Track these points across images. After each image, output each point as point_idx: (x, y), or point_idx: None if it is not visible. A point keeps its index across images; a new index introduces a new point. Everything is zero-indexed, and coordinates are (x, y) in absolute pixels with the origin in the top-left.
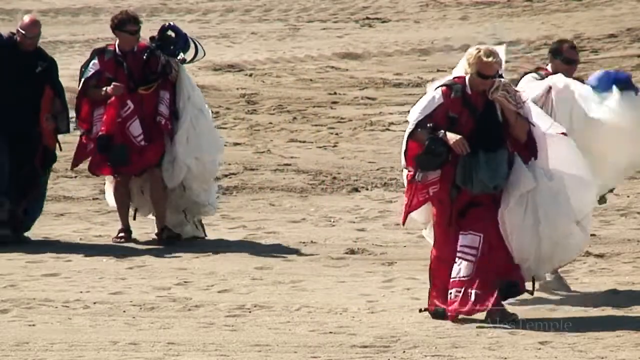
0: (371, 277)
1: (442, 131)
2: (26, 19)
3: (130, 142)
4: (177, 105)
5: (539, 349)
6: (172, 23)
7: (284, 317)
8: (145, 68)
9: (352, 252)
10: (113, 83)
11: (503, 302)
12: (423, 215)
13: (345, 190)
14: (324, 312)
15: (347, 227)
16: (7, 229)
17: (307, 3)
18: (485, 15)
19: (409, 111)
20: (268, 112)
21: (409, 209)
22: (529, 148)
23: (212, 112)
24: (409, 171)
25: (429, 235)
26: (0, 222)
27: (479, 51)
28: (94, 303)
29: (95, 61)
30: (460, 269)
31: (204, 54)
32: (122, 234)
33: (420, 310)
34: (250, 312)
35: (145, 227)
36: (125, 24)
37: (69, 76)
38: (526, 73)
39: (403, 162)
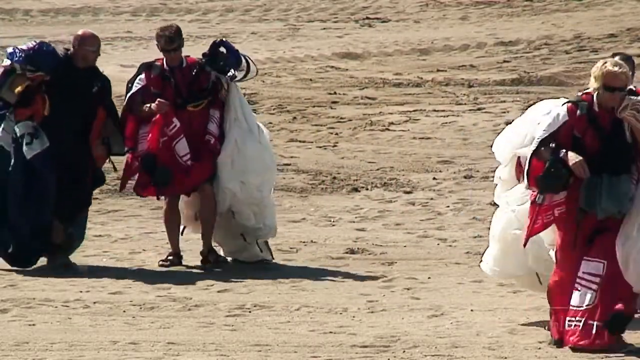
0: (371, 277)
1: (564, 150)
2: (82, 32)
3: (175, 162)
4: (225, 127)
5: (539, 348)
6: (224, 39)
7: (284, 317)
8: (194, 84)
9: (352, 252)
10: (158, 100)
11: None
12: (550, 236)
13: (345, 190)
14: (324, 312)
15: (347, 227)
16: (66, 255)
17: (307, 3)
18: (485, 15)
19: (408, 111)
20: (268, 111)
21: (532, 231)
22: None
23: None
24: (532, 191)
25: (554, 256)
26: (55, 246)
27: (605, 62)
28: (94, 303)
29: (142, 76)
30: (581, 297)
31: (257, 72)
32: (170, 257)
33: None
34: (250, 312)
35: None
36: (159, 41)
37: None
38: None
39: (526, 182)
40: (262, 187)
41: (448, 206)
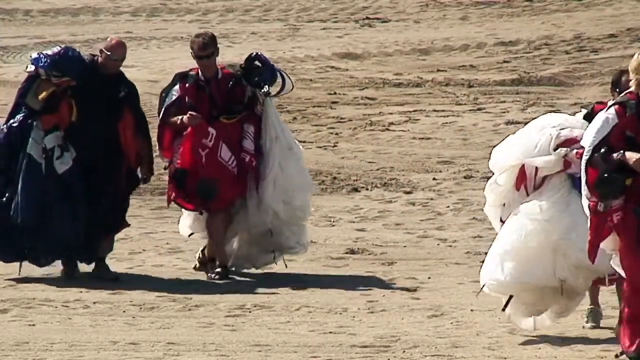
0: (371, 277)
1: (622, 151)
2: (112, 40)
3: (222, 173)
4: (264, 146)
5: (539, 349)
6: (260, 52)
7: (284, 317)
8: (229, 96)
9: (352, 252)
10: (189, 112)
11: None
12: (611, 242)
13: (345, 190)
14: (324, 312)
15: (347, 227)
16: (102, 266)
17: (307, 3)
18: (485, 15)
19: (408, 111)
20: None
21: (597, 241)
22: None
23: None
24: (591, 201)
25: (617, 265)
26: (100, 259)
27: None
28: (94, 303)
29: (177, 87)
30: None
31: (292, 88)
32: (219, 269)
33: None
34: (250, 312)
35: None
36: (193, 47)
37: None
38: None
39: (585, 190)
40: (303, 208)
41: (448, 206)
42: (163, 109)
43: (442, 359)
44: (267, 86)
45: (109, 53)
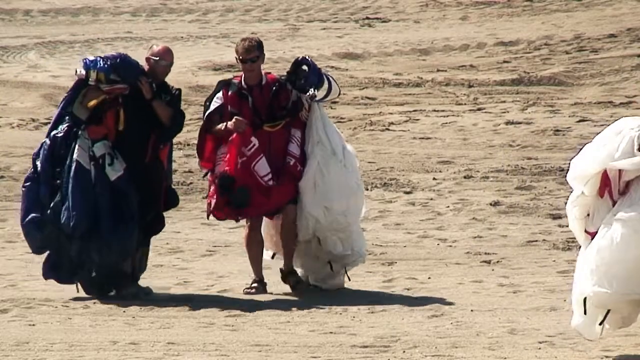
0: (371, 277)
1: None
2: (158, 46)
3: (255, 183)
4: (306, 149)
5: (539, 349)
6: (307, 57)
7: (284, 317)
8: (273, 103)
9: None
10: (235, 118)
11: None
12: None
13: None
14: (324, 312)
15: None
16: (134, 286)
17: (307, 3)
18: (485, 15)
19: (408, 111)
20: None
21: None
22: None
23: None
24: None
25: None
26: (125, 274)
27: None
28: (94, 303)
29: (220, 94)
30: None
31: (339, 93)
32: (255, 285)
33: None
34: (250, 312)
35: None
36: (237, 51)
37: (69, 76)
38: None
39: None
40: (347, 213)
41: (448, 206)
42: (205, 117)
43: (442, 359)
44: (312, 90)
45: (157, 58)
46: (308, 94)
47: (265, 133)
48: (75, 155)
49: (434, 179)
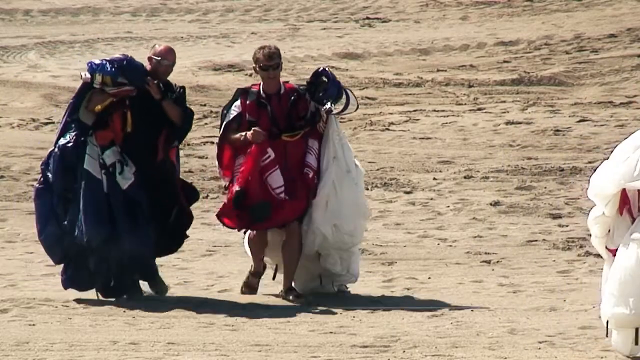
0: (371, 277)
1: None
2: (161, 46)
3: (267, 195)
4: (321, 165)
5: (539, 349)
6: (326, 69)
7: (284, 317)
8: (291, 113)
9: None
10: (253, 128)
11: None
12: None
13: None
14: (324, 312)
15: None
16: (163, 283)
17: (307, 3)
18: (485, 15)
19: (408, 111)
20: None
21: None
22: None
23: (212, 112)
24: None
25: None
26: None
27: None
28: (94, 303)
29: (238, 103)
30: None
31: (357, 108)
32: (251, 277)
33: None
34: (250, 312)
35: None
36: (257, 59)
37: (69, 76)
38: None
39: None
40: (354, 233)
41: (448, 206)
42: (223, 126)
43: (442, 359)
44: (330, 103)
45: (159, 58)
46: (325, 107)
47: (282, 143)
48: (85, 165)
49: (434, 179)
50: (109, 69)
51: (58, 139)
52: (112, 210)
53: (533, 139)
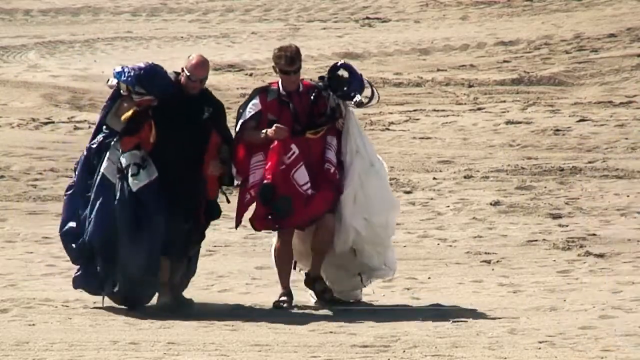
0: None
1: None
2: (193, 58)
3: (294, 192)
4: (344, 160)
5: (539, 348)
6: (345, 62)
7: (284, 317)
8: (312, 110)
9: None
10: (275, 125)
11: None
12: None
13: None
14: (324, 312)
15: None
16: (169, 296)
17: (307, 3)
18: (485, 15)
19: (408, 111)
20: None
21: None
22: None
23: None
24: None
25: None
26: (161, 285)
27: None
28: (94, 303)
29: (256, 101)
30: None
31: (379, 99)
32: (284, 298)
33: None
34: (250, 312)
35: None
36: (279, 62)
37: (69, 76)
38: None
39: None
40: (387, 226)
41: (448, 206)
42: (240, 124)
43: (442, 359)
44: (358, 96)
45: (188, 74)
46: (355, 100)
47: (304, 140)
48: (102, 168)
49: (434, 178)
50: (126, 77)
51: (90, 140)
52: (123, 216)
53: (533, 139)
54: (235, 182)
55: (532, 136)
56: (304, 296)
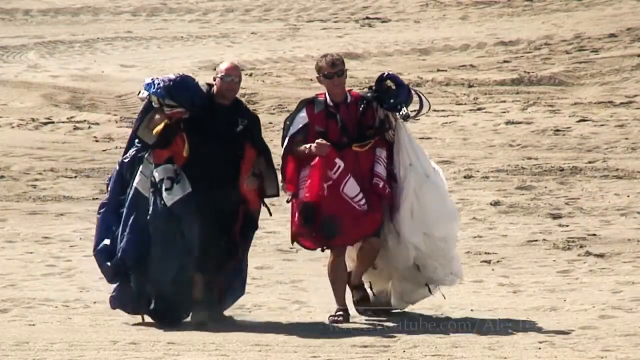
0: None
1: None
2: (225, 64)
3: (345, 208)
4: (397, 174)
5: (539, 348)
6: (391, 72)
7: (284, 317)
8: (361, 122)
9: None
10: (316, 141)
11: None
12: None
13: None
14: (324, 312)
15: None
16: (204, 312)
17: (307, 3)
18: (485, 15)
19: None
20: (268, 111)
21: None
22: None
23: None
24: None
25: None
26: (195, 301)
27: None
28: (94, 303)
29: (303, 114)
30: None
31: (429, 108)
32: (340, 313)
33: None
34: (250, 312)
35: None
36: (321, 67)
37: (69, 76)
38: None
39: None
40: (447, 239)
41: None
42: (288, 137)
43: (442, 359)
44: (405, 108)
45: (222, 75)
46: (402, 112)
47: (351, 153)
48: (134, 183)
49: None
50: (155, 89)
51: (124, 153)
52: (156, 231)
53: (533, 139)
54: (287, 197)
55: (532, 136)
56: (304, 297)
